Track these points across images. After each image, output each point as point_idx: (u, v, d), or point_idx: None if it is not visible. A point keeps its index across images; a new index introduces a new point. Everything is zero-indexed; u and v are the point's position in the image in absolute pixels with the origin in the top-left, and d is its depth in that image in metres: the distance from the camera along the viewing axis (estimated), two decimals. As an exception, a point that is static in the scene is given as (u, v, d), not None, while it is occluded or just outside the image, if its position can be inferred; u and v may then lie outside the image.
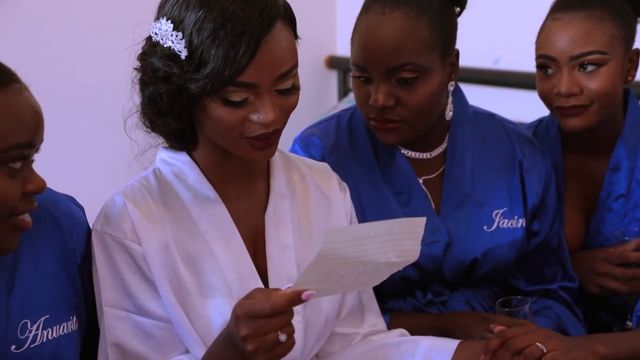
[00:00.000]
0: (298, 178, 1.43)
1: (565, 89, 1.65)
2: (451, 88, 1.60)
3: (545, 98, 1.71)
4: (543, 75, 1.70)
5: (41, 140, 1.15)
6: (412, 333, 1.49)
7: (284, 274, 1.35)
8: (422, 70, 1.51)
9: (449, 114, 1.62)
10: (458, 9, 1.60)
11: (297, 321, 1.25)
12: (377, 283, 1.19)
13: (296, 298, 1.12)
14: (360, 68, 1.54)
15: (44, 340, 1.23)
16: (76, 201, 1.36)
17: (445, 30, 1.55)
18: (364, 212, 1.60)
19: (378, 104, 1.52)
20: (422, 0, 1.52)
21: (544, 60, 1.68)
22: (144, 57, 1.29)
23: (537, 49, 1.70)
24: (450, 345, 1.42)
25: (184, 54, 1.23)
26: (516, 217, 1.65)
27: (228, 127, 1.26)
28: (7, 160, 1.10)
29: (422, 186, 1.64)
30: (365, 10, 1.56)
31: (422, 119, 1.56)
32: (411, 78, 1.51)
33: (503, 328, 1.39)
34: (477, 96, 1.78)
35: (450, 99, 1.62)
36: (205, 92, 1.23)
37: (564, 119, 1.69)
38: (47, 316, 1.24)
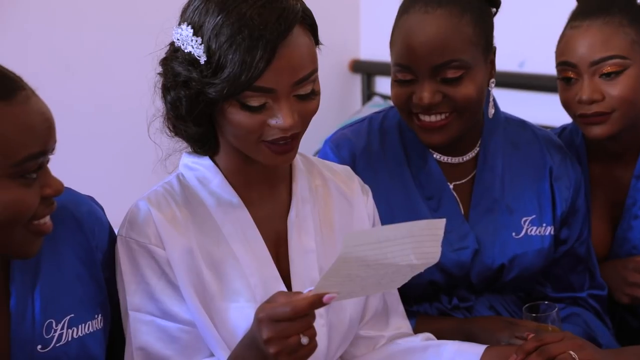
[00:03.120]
0: (320, 182, 1.44)
1: (587, 96, 1.63)
2: (492, 85, 1.60)
3: (568, 107, 1.69)
4: (565, 85, 1.69)
5: (54, 144, 1.14)
6: (438, 337, 1.49)
7: (307, 278, 1.35)
8: (467, 67, 1.51)
9: (491, 111, 1.62)
10: (494, 10, 1.61)
11: (320, 324, 1.25)
12: (399, 285, 1.19)
13: (318, 301, 1.12)
14: (404, 68, 1.53)
15: (69, 339, 1.24)
16: (96, 201, 1.37)
17: (486, 28, 1.56)
18: (394, 215, 1.59)
19: (424, 102, 1.52)
20: (463, 0, 1.53)
21: (565, 68, 1.67)
22: (165, 62, 1.30)
23: (557, 56, 1.70)
24: (476, 350, 1.42)
25: (203, 59, 1.24)
26: (545, 224, 1.64)
27: (246, 132, 1.26)
28: (22, 172, 1.09)
29: (453, 191, 1.63)
30: (405, 10, 1.55)
31: (470, 114, 1.55)
32: (457, 77, 1.51)
33: (531, 334, 1.40)
34: (502, 99, 1.77)
35: (492, 97, 1.62)
36: (222, 97, 1.24)
37: (587, 127, 1.67)
38: (72, 315, 1.25)
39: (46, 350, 1.21)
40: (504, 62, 1.84)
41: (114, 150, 2.89)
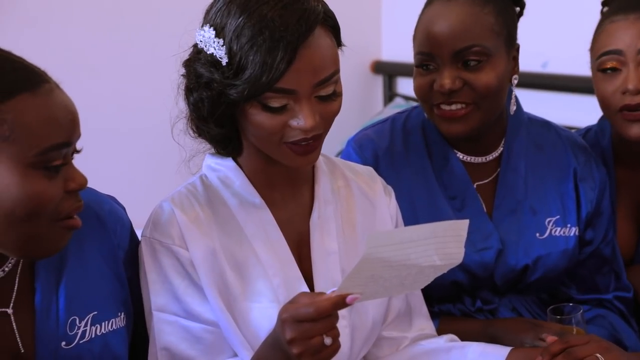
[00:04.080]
0: (342, 183, 1.44)
1: (634, 86, 1.59)
2: (515, 81, 1.60)
3: (609, 100, 1.64)
4: (606, 77, 1.64)
5: (78, 137, 1.15)
6: (462, 338, 1.49)
7: (329, 280, 1.35)
8: (488, 54, 1.51)
9: (512, 108, 1.61)
10: (518, 9, 1.61)
11: (343, 325, 1.25)
12: (422, 287, 1.18)
13: (341, 302, 1.12)
14: (425, 55, 1.54)
15: (93, 336, 1.25)
16: (117, 201, 1.38)
17: (509, 21, 1.56)
18: (417, 216, 1.59)
19: (445, 88, 1.52)
20: None
21: (609, 57, 1.62)
22: (188, 63, 1.31)
23: (597, 49, 1.65)
24: (501, 352, 1.41)
25: (224, 61, 1.25)
26: (569, 225, 1.63)
27: (268, 133, 1.26)
28: (45, 162, 1.10)
29: (476, 191, 1.63)
30: (429, 3, 1.57)
31: (491, 102, 1.55)
32: (477, 61, 1.51)
33: (554, 338, 1.39)
34: (525, 100, 1.76)
35: (514, 94, 1.61)
36: (243, 98, 1.24)
37: (629, 125, 1.62)
38: (95, 312, 1.26)
39: (70, 347, 1.22)
40: (526, 63, 1.83)
41: (137, 152, 2.91)
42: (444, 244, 1.10)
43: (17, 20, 2.70)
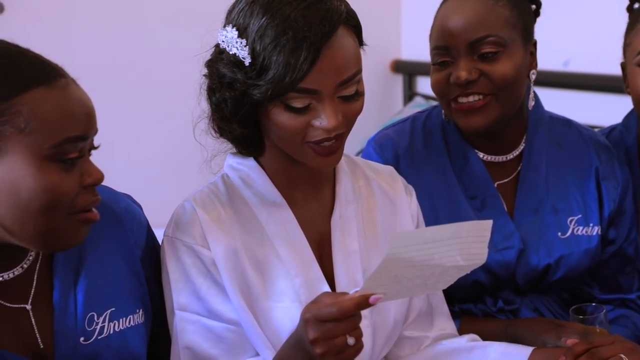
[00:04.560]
0: (363, 182, 1.44)
1: None
2: (533, 77, 1.59)
3: None
4: None
5: (94, 132, 1.16)
6: (483, 338, 1.48)
7: (350, 279, 1.35)
8: (504, 45, 1.52)
9: (531, 103, 1.61)
10: (534, 7, 1.60)
11: (364, 325, 1.25)
12: (445, 287, 1.18)
13: (364, 302, 1.12)
14: (441, 49, 1.54)
15: (111, 332, 1.25)
16: (134, 199, 1.39)
17: (525, 14, 1.56)
18: (437, 215, 1.59)
19: (461, 79, 1.51)
20: None
21: None
22: (211, 63, 1.31)
23: (635, 45, 1.60)
24: (523, 352, 1.41)
25: (247, 61, 1.25)
26: (591, 224, 1.62)
27: (291, 133, 1.27)
28: (61, 155, 1.11)
29: (497, 191, 1.62)
30: (444, 1, 1.58)
31: (508, 94, 1.54)
32: (493, 52, 1.51)
33: (574, 341, 1.38)
34: (547, 99, 1.75)
35: (532, 89, 1.61)
36: (267, 98, 1.24)
37: None
38: (113, 309, 1.26)
39: (89, 343, 1.23)
40: (548, 61, 1.83)
41: (159, 152, 2.93)
42: (467, 244, 1.10)
43: (38, 22, 2.73)
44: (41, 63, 1.13)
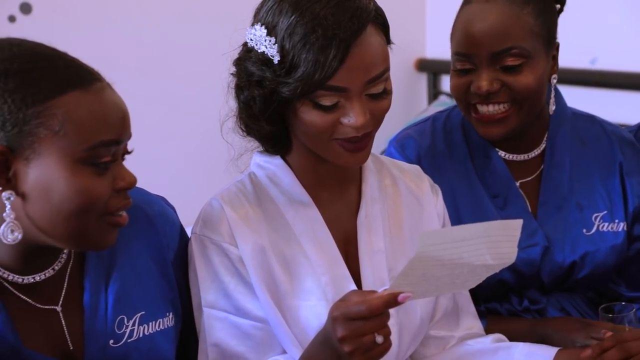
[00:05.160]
0: (389, 181, 1.43)
1: None
2: (554, 81, 1.58)
3: None
4: None
5: (128, 137, 1.17)
6: (510, 338, 1.47)
7: (376, 278, 1.35)
8: (527, 57, 1.50)
9: (552, 107, 1.60)
10: (558, 6, 1.59)
11: (391, 324, 1.24)
12: (473, 286, 1.18)
13: (392, 300, 1.11)
14: (463, 56, 1.53)
15: (141, 335, 1.26)
16: (168, 201, 1.39)
17: (549, 21, 1.54)
18: (460, 214, 1.58)
19: (482, 90, 1.51)
20: None
21: None
22: (239, 62, 1.32)
23: None
24: (548, 352, 1.40)
25: (276, 59, 1.25)
26: (617, 220, 1.61)
27: (318, 131, 1.27)
28: (94, 158, 1.12)
29: (519, 189, 1.61)
30: (466, 2, 1.55)
31: (530, 106, 1.53)
32: (516, 65, 1.50)
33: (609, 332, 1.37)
34: (573, 97, 1.74)
35: (553, 93, 1.59)
36: (296, 96, 1.25)
37: None
38: (143, 312, 1.26)
39: (118, 345, 1.23)
40: (575, 59, 1.81)
41: (186, 150, 2.94)
42: (496, 243, 1.10)
43: (65, 22, 2.75)
44: (77, 66, 1.13)
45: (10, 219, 1.11)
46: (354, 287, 1.33)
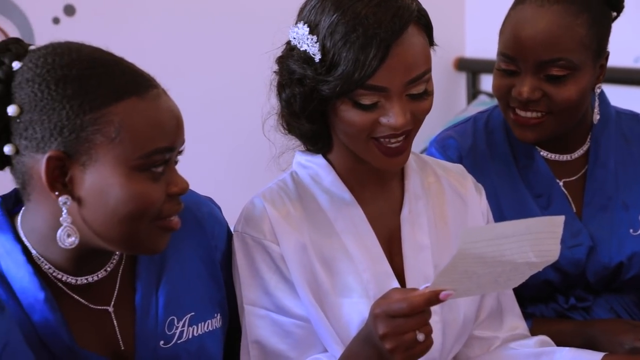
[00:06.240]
0: (433, 179, 1.43)
1: None
2: (598, 91, 1.57)
3: None
4: None
5: (182, 143, 1.17)
6: (555, 340, 1.45)
7: (421, 275, 1.35)
8: (573, 68, 1.48)
9: (596, 117, 1.59)
10: (614, 14, 1.56)
11: (434, 321, 1.25)
12: (516, 285, 1.17)
13: (434, 298, 1.11)
14: (509, 58, 1.52)
15: (190, 336, 1.27)
16: (215, 202, 1.40)
17: (601, 32, 1.52)
18: (503, 214, 1.57)
19: (523, 96, 1.50)
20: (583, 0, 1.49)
21: None
22: (281, 60, 1.33)
23: None
24: (593, 357, 1.38)
25: (317, 57, 1.26)
26: None
27: (357, 130, 1.27)
28: (149, 165, 1.13)
29: (563, 189, 1.60)
30: (521, 1, 1.53)
31: (567, 117, 1.52)
32: (561, 76, 1.48)
33: None
34: (616, 96, 1.72)
35: (597, 102, 1.58)
36: (335, 94, 1.25)
37: None
38: (193, 313, 1.27)
39: (168, 346, 1.24)
40: (618, 58, 1.79)
41: (228, 148, 2.96)
42: (539, 240, 1.09)
43: (109, 24, 2.78)
44: (134, 73, 1.14)
45: (67, 224, 1.12)
46: (396, 284, 1.33)
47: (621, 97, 2.12)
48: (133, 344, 1.23)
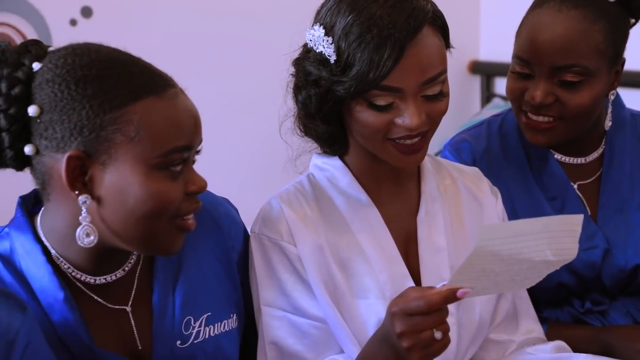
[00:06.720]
0: (449, 182, 1.43)
1: None
2: (612, 97, 1.57)
3: None
4: None
5: (200, 142, 1.18)
6: (571, 345, 1.45)
7: (437, 276, 1.35)
8: (588, 75, 1.48)
9: (607, 123, 1.58)
10: (633, 20, 1.56)
11: (450, 322, 1.24)
12: (533, 283, 1.17)
13: (451, 296, 1.11)
14: (523, 62, 1.52)
15: (207, 336, 1.27)
16: (231, 203, 1.41)
17: (618, 38, 1.51)
18: (517, 217, 1.56)
19: (535, 101, 1.50)
20: (601, 6, 1.49)
21: None
22: (298, 62, 1.33)
23: None
24: None
25: (333, 58, 1.26)
26: None
27: (373, 131, 1.27)
28: (167, 164, 1.14)
29: (577, 191, 1.60)
30: (539, 5, 1.53)
31: (579, 122, 1.53)
32: (575, 82, 1.48)
33: None
34: (632, 100, 1.72)
35: (610, 109, 1.58)
36: (350, 95, 1.25)
37: None
38: (209, 313, 1.28)
39: (185, 346, 1.25)
40: (633, 61, 1.78)
41: (245, 150, 2.97)
42: (557, 238, 1.08)
43: (126, 25, 2.80)
44: (152, 72, 1.15)
45: (86, 223, 1.13)
46: (412, 285, 1.33)
47: (636, 101, 2.11)
48: (150, 343, 1.23)
